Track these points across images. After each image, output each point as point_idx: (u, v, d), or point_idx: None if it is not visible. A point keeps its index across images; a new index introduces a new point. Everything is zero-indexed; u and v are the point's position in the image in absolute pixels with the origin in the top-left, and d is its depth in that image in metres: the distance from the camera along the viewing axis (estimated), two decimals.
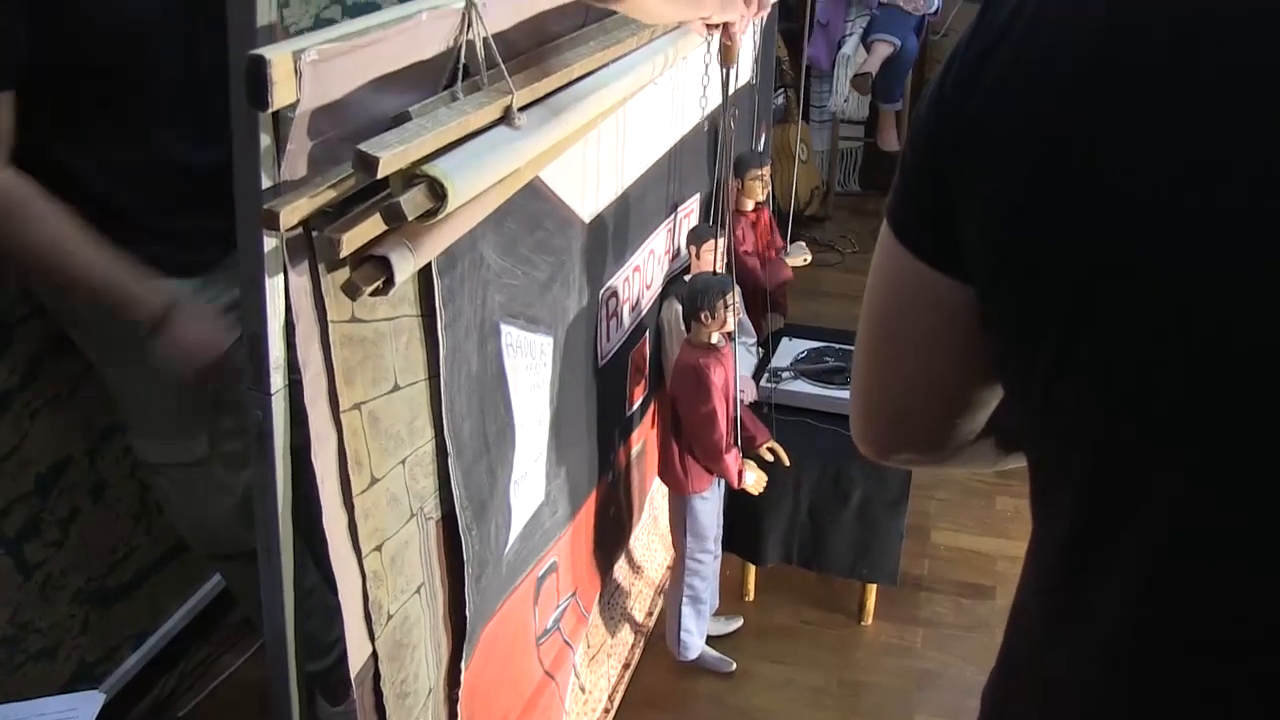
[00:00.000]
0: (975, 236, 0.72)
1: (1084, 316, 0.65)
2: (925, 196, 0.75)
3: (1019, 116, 0.67)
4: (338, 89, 1.24)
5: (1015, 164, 0.67)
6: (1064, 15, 0.66)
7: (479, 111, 1.41)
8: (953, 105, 0.72)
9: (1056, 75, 0.65)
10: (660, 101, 2.34)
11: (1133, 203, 0.61)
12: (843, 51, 5.10)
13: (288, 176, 1.21)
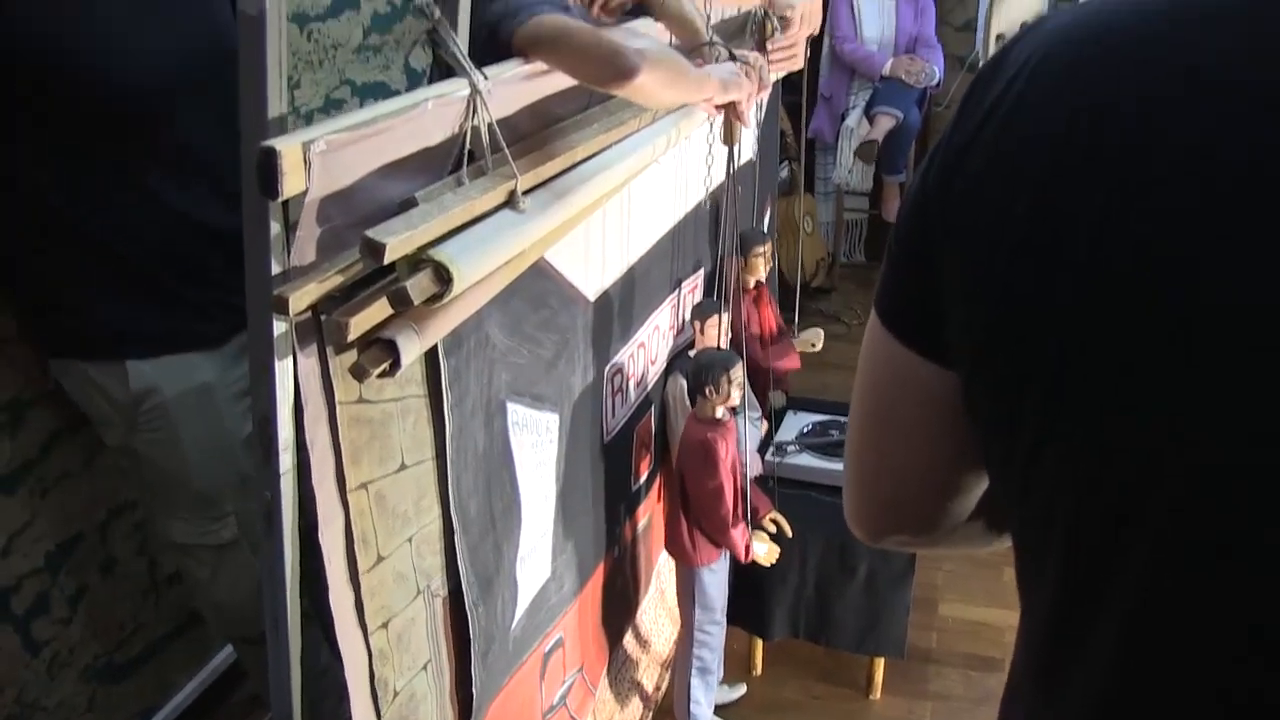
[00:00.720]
0: (958, 322, 0.74)
1: (1059, 402, 0.67)
2: (911, 284, 0.78)
3: (999, 204, 0.70)
4: (346, 177, 1.28)
5: (995, 252, 0.70)
6: (1037, 109, 0.69)
7: (484, 196, 1.45)
8: (936, 195, 0.74)
9: (1032, 166, 0.68)
10: (664, 179, 2.38)
11: (1102, 289, 0.64)
12: (846, 124, 5.18)
13: (297, 262, 1.24)
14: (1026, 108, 0.69)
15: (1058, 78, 0.69)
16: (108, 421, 2.09)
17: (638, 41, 1.67)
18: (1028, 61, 0.71)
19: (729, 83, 1.99)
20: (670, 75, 1.72)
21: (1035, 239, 0.67)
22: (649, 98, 1.74)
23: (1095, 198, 0.64)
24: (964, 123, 0.74)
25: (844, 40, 5.13)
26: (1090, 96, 0.66)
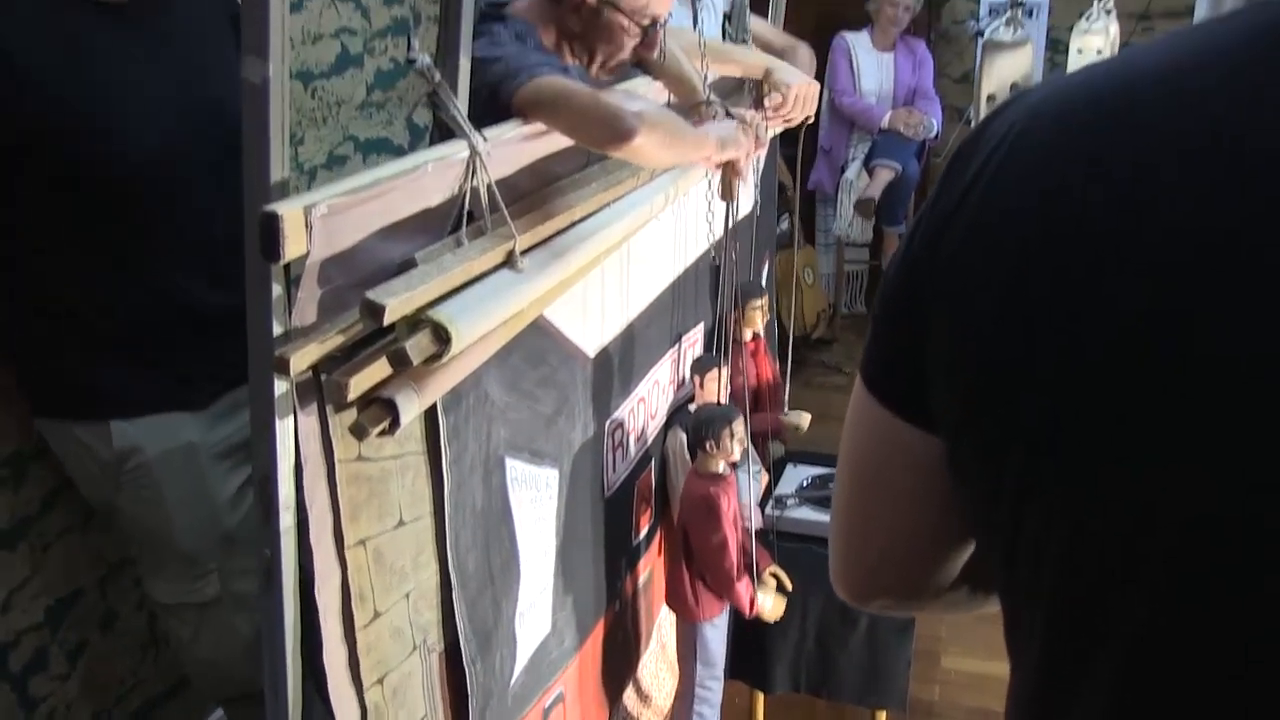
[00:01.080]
0: (943, 386, 0.76)
1: (1047, 459, 0.69)
2: (895, 349, 0.80)
3: (983, 270, 0.72)
4: (347, 239, 1.30)
5: (979, 316, 0.71)
6: (1020, 179, 0.71)
7: (483, 256, 1.47)
8: (920, 262, 0.76)
9: (1016, 233, 0.70)
10: (664, 235, 2.40)
11: (1092, 345, 0.65)
12: (846, 176, 5.23)
13: (298, 323, 1.26)
14: (1009, 178, 0.71)
15: (1044, 146, 0.71)
16: (93, 481, 2.11)
17: (635, 103, 1.70)
18: (1008, 134, 0.74)
19: (727, 140, 2.03)
20: (667, 136, 1.75)
21: (1020, 302, 0.69)
22: (647, 158, 1.77)
23: (1084, 256, 0.66)
24: (947, 192, 0.76)
25: (843, 93, 5.20)
26: (1079, 161, 0.68)
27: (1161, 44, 0.74)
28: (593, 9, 1.98)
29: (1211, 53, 0.68)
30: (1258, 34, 0.67)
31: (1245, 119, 0.64)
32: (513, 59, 1.79)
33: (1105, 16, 3.01)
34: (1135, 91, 0.69)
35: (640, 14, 2.00)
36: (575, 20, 2.00)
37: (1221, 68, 0.67)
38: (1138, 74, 0.71)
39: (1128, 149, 0.67)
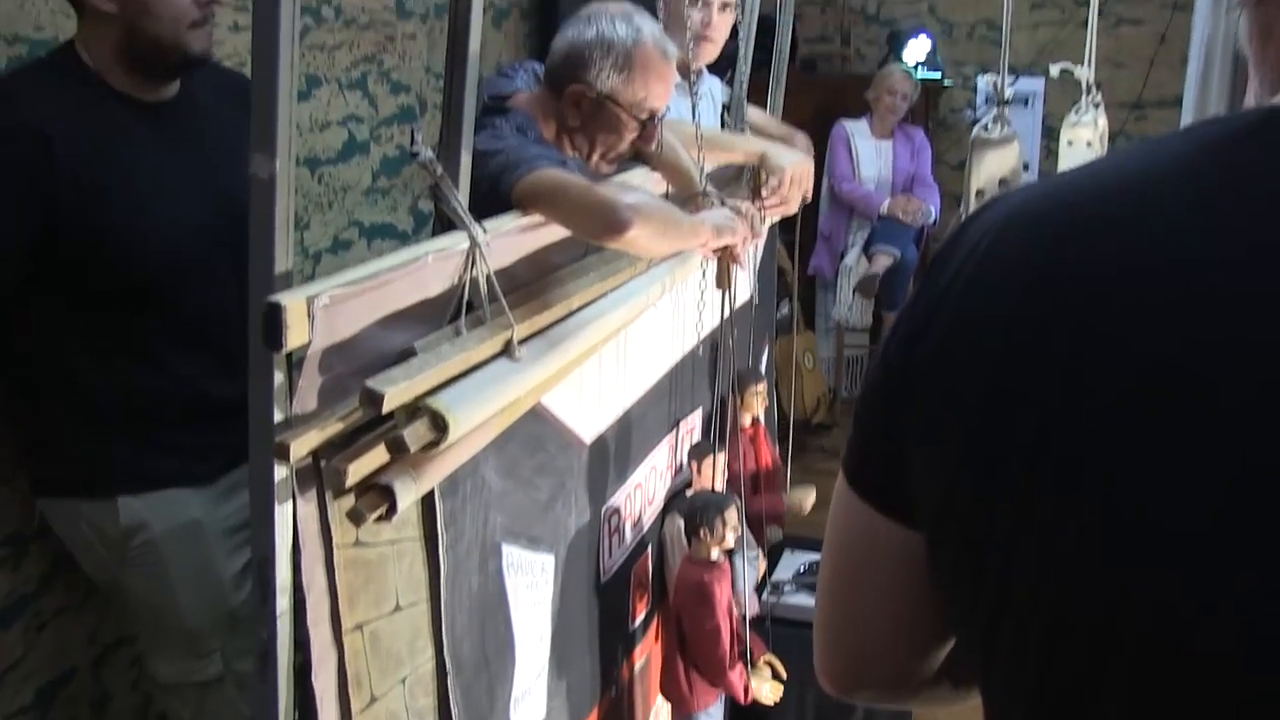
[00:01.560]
0: (921, 484, 0.79)
1: (1017, 566, 0.71)
2: (876, 445, 0.83)
3: (956, 377, 0.75)
4: (348, 329, 1.34)
5: (952, 423, 0.75)
6: (990, 289, 0.75)
7: (481, 346, 1.51)
8: (898, 364, 0.80)
9: (985, 344, 0.73)
10: (662, 322, 2.44)
11: (1053, 457, 0.69)
12: (845, 262, 5.29)
13: (299, 410, 1.30)
14: (987, 278, 0.75)
15: (1019, 250, 0.75)
16: (97, 558, 2.13)
17: (630, 195, 1.75)
18: (984, 238, 0.77)
19: (722, 227, 2.08)
20: (662, 226, 1.79)
21: (988, 414, 0.72)
22: (642, 248, 1.82)
23: (1044, 378, 0.69)
24: (927, 292, 0.79)
25: (842, 180, 5.28)
26: (1041, 280, 0.72)
27: (1128, 154, 0.78)
28: (592, 103, 2.05)
29: (1169, 166, 0.73)
30: (1210, 148, 0.71)
31: (1200, 230, 0.68)
32: (513, 152, 1.85)
33: (1093, 110, 3.08)
34: (1100, 202, 0.73)
35: (638, 108, 2.06)
36: (575, 114, 2.07)
37: (1178, 181, 0.71)
38: (1103, 185, 0.75)
39: (1093, 258, 0.71)
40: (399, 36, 3.73)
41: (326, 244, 3.42)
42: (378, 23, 3.60)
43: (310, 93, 3.30)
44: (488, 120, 1.98)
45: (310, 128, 3.31)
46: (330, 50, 3.37)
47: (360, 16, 3.50)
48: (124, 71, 1.98)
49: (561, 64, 2.08)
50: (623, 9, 2.09)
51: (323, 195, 3.39)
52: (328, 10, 3.34)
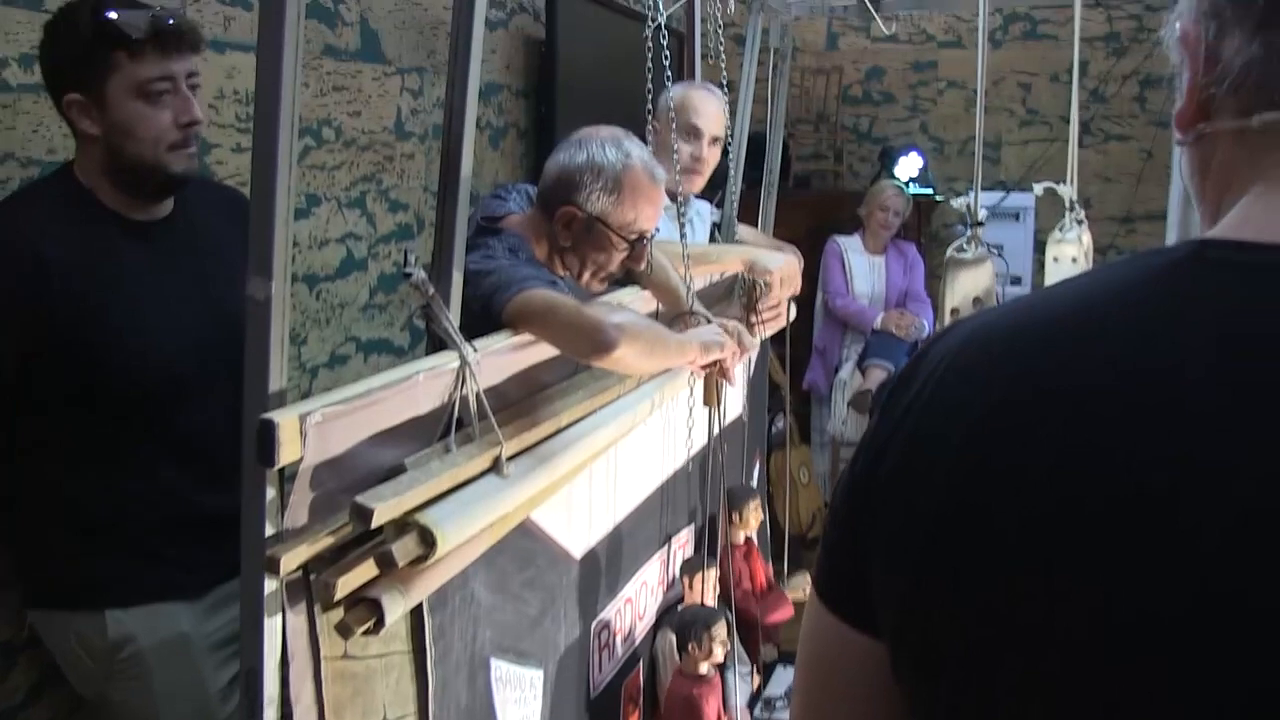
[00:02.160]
0: (883, 593, 0.83)
1: (972, 676, 0.75)
2: (844, 561, 0.87)
3: (914, 496, 0.80)
4: (339, 445, 1.38)
5: (910, 540, 0.79)
6: (956, 399, 0.80)
7: (470, 463, 1.55)
8: (862, 484, 0.85)
9: (941, 465, 0.78)
10: (652, 438, 2.49)
11: (1000, 582, 0.73)
12: (839, 376, 5.33)
13: (289, 525, 1.34)
14: (946, 398, 0.80)
15: (970, 377, 0.80)
16: (85, 671, 2.14)
17: (617, 315, 1.81)
18: (940, 363, 0.83)
19: (710, 344, 2.14)
20: (649, 345, 1.85)
21: (950, 527, 0.77)
22: (629, 367, 1.88)
23: (1003, 492, 0.74)
24: (887, 417, 0.84)
25: (836, 295, 5.35)
26: (1000, 397, 0.77)
27: (1080, 280, 0.84)
28: (583, 225, 2.12)
29: (1117, 291, 0.78)
30: (1150, 276, 0.77)
31: (1145, 352, 0.73)
32: (505, 272, 1.91)
33: (1077, 226, 3.16)
34: (1054, 324, 0.79)
35: (628, 229, 2.13)
36: (566, 235, 2.14)
37: (1124, 306, 0.76)
38: (1057, 307, 0.81)
39: (1048, 374, 0.76)
40: (397, 156, 3.83)
41: (324, 359, 3.47)
42: (377, 143, 3.70)
43: (310, 210, 3.38)
44: (481, 241, 2.05)
45: (310, 245, 3.38)
46: (330, 170, 3.47)
47: (360, 137, 3.60)
48: (114, 191, 2.04)
49: (553, 186, 2.16)
50: (613, 134, 2.18)
51: (320, 311, 3.46)
52: (328, 131, 3.44)
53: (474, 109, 1.68)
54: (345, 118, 3.54)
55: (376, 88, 3.70)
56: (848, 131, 6.52)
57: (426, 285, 1.58)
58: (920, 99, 6.43)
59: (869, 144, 6.52)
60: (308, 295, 3.38)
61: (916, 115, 6.44)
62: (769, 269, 2.69)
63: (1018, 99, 6.25)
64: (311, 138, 3.37)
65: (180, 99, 2.00)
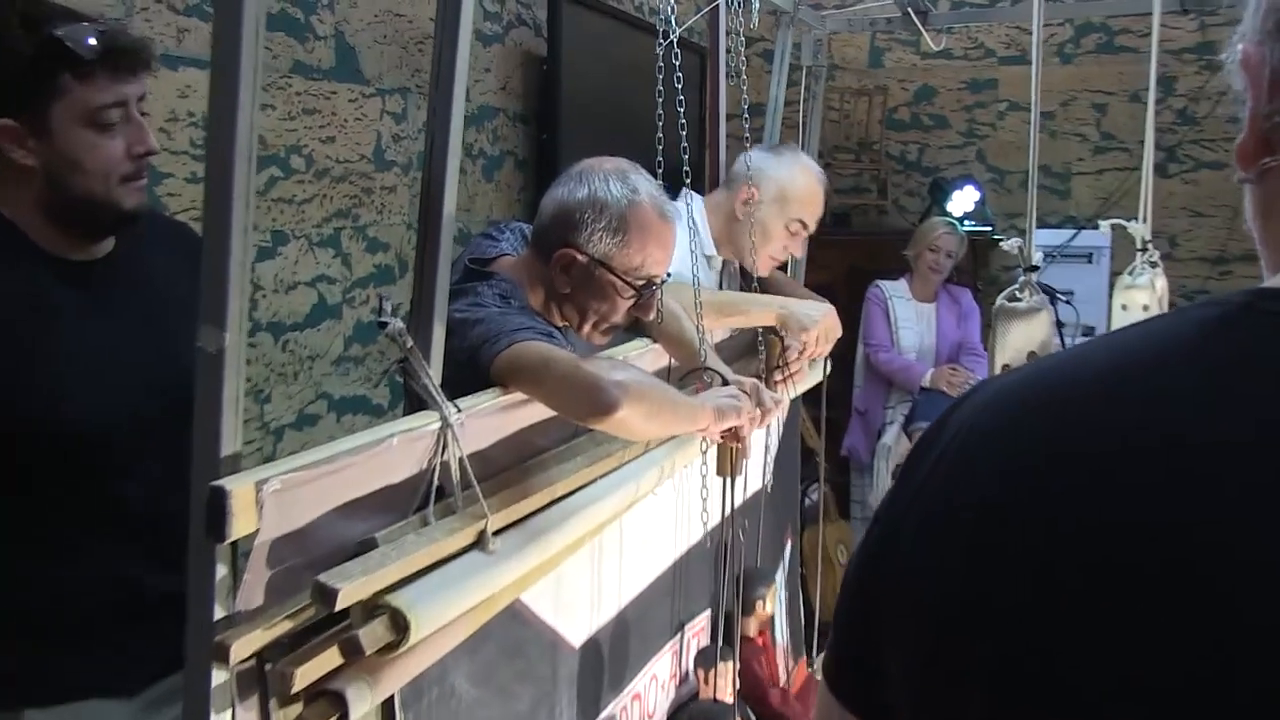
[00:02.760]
0: (897, 685, 0.85)
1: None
2: (856, 650, 0.89)
3: (929, 576, 0.82)
4: (301, 516, 1.41)
5: (924, 623, 0.81)
6: (964, 484, 0.82)
7: (450, 537, 1.57)
8: (878, 559, 0.87)
9: (957, 541, 0.80)
10: (662, 512, 2.50)
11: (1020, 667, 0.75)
12: (883, 442, 5.33)
13: (242, 607, 1.35)
14: (955, 481, 0.82)
15: (998, 437, 0.83)
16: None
17: (620, 372, 1.84)
18: (962, 428, 0.85)
19: (725, 409, 2.15)
20: (655, 407, 1.88)
21: (960, 613, 0.79)
22: (632, 431, 1.90)
23: (1014, 578, 0.76)
24: (902, 490, 0.87)
25: (879, 349, 5.36)
26: (1032, 451, 0.79)
27: (1125, 334, 0.86)
28: (583, 268, 2.14)
29: (1168, 347, 0.80)
30: (1206, 330, 0.79)
31: (1186, 416, 0.75)
32: (494, 322, 1.94)
33: (1150, 269, 3.17)
34: (1085, 384, 0.81)
35: (634, 274, 2.16)
36: (564, 280, 2.16)
37: (1177, 362, 0.79)
38: (1093, 365, 0.83)
39: (1076, 441, 0.78)
40: (376, 189, 3.89)
41: (290, 418, 3.51)
42: (354, 174, 3.76)
43: (276, 250, 3.43)
44: (468, 286, 2.08)
45: (276, 289, 3.43)
46: (300, 204, 3.52)
47: (334, 167, 3.66)
48: (48, 228, 2.00)
49: (550, 225, 2.19)
50: (617, 166, 2.21)
51: (288, 364, 3.50)
52: (297, 160, 3.50)
53: (459, 133, 1.71)
54: (317, 144, 3.59)
55: (353, 110, 3.76)
56: (893, 161, 6.59)
57: (404, 336, 1.60)
58: (977, 123, 6.49)
59: (918, 175, 6.57)
60: (273, 346, 3.42)
61: (973, 142, 6.50)
62: (805, 325, 2.72)
63: (1091, 121, 6.28)
64: (278, 167, 3.42)
65: (133, 126, 1.98)
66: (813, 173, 3.08)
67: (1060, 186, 6.29)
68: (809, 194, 3.04)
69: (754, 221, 2.91)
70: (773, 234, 2.99)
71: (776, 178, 2.99)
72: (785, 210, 2.99)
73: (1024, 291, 2.64)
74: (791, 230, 3.02)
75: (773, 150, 3.15)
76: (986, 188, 6.23)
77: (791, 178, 3.02)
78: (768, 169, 3.00)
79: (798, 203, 3.01)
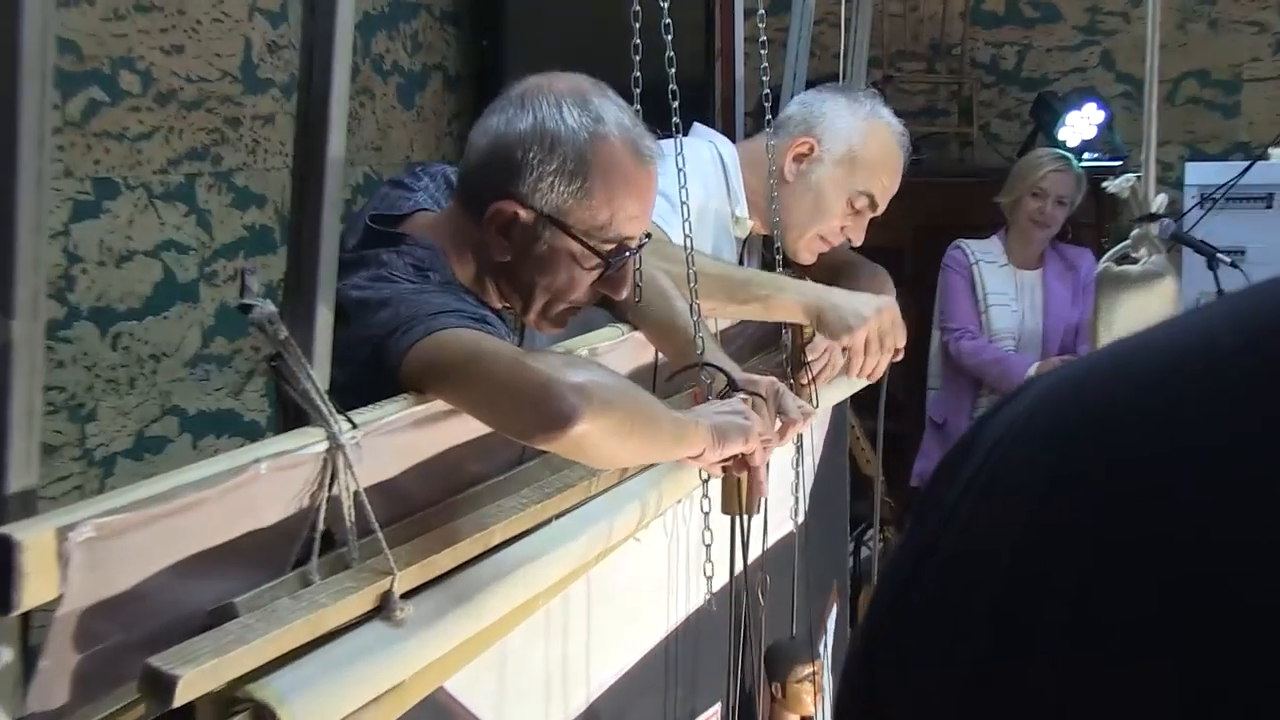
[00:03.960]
0: None
1: None
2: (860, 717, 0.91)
3: (959, 615, 0.83)
4: (126, 577, 1.40)
5: (948, 681, 0.83)
6: (1005, 500, 0.83)
7: (340, 602, 1.57)
8: (889, 607, 0.88)
9: (996, 569, 0.82)
10: (650, 565, 2.50)
11: None
12: None
13: (38, 706, 1.35)
14: (992, 500, 0.84)
15: (1028, 465, 0.84)
16: None
17: (579, 372, 1.83)
18: (1000, 441, 0.86)
19: (726, 429, 2.12)
20: (627, 422, 1.87)
21: (992, 668, 0.80)
22: (596, 454, 1.90)
23: (1051, 626, 0.78)
24: (925, 518, 0.88)
25: (962, 335, 5.32)
26: (1055, 496, 0.81)
27: (1219, 307, 0.87)
28: (529, 228, 2.11)
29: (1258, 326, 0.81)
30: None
31: None
32: (405, 303, 1.94)
33: None
34: (1161, 379, 0.82)
35: (600, 234, 2.14)
36: (503, 244, 2.13)
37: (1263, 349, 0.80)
38: (1170, 351, 0.84)
39: (1130, 455, 0.79)
40: (246, 119, 3.88)
41: (124, 443, 3.50)
42: (213, 98, 3.75)
43: (101, 205, 3.42)
44: (370, 254, 2.07)
45: (101, 260, 3.42)
46: (134, 140, 3.51)
47: (184, 88, 3.65)
48: None
49: (482, 169, 2.17)
50: (574, 86, 2.18)
51: (121, 367, 3.49)
52: (129, 78, 3.49)
53: (348, 36, 1.71)
54: (158, 55, 3.58)
55: (210, 6, 3.75)
56: (982, 70, 6.59)
57: (277, 324, 1.61)
58: (1101, 13, 6.48)
59: (1017, 90, 6.57)
60: (98, 341, 3.41)
61: (1095, 40, 6.49)
62: (850, 325, 2.71)
63: (1273, 4, 6.21)
64: (101, 87, 3.41)
65: None
66: (894, 134, 3.08)
67: (1225, 99, 6.27)
68: (886, 160, 3.06)
69: (810, 187, 2.93)
70: (830, 206, 3.00)
71: (846, 131, 3.00)
72: (853, 177, 3.00)
73: (1140, 249, 2.59)
74: (857, 206, 3.03)
75: (846, 93, 3.15)
76: (1115, 106, 6.19)
77: (867, 135, 3.03)
78: (836, 118, 3.02)
79: (869, 170, 3.02)
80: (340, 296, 1.81)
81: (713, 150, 2.94)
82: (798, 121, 2.98)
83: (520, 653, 2.11)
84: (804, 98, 3.00)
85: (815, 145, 2.96)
